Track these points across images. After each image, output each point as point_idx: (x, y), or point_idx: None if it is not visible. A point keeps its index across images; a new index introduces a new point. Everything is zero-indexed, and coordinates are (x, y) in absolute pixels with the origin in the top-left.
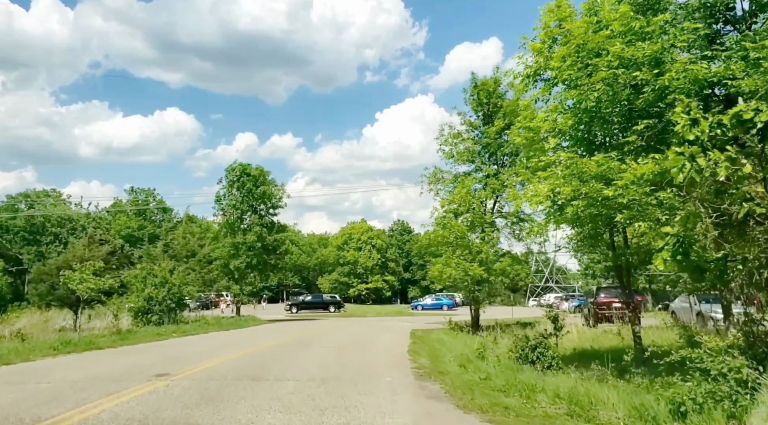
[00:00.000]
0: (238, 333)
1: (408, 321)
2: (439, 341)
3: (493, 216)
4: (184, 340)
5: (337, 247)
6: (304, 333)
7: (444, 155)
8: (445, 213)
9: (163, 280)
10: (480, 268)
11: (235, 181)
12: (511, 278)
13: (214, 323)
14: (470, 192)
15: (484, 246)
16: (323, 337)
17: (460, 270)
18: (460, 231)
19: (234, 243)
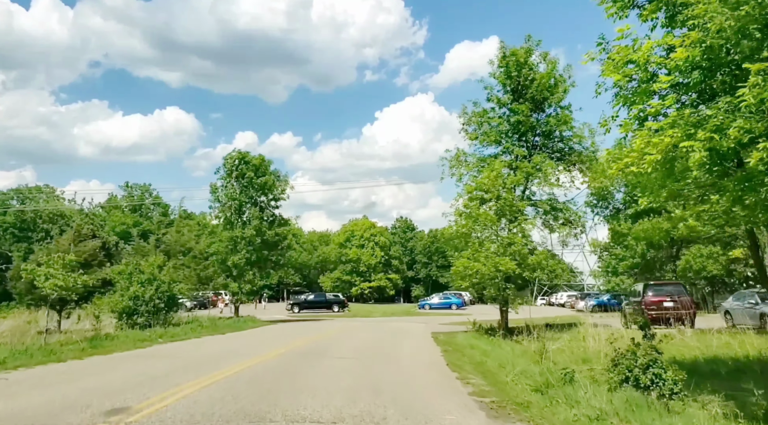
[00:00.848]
0: (235, 338)
1: (420, 321)
2: (475, 348)
3: (521, 206)
4: (170, 348)
5: (339, 245)
6: (311, 338)
7: (466, 136)
8: (470, 201)
9: (151, 277)
10: (512, 262)
11: (234, 169)
12: (547, 274)
13: (209, 325)
14: (501, 175)
15: (516, 238)
16: (335, 343)
17: (490, 265)
18: (489, 220)
19: (232, 238)
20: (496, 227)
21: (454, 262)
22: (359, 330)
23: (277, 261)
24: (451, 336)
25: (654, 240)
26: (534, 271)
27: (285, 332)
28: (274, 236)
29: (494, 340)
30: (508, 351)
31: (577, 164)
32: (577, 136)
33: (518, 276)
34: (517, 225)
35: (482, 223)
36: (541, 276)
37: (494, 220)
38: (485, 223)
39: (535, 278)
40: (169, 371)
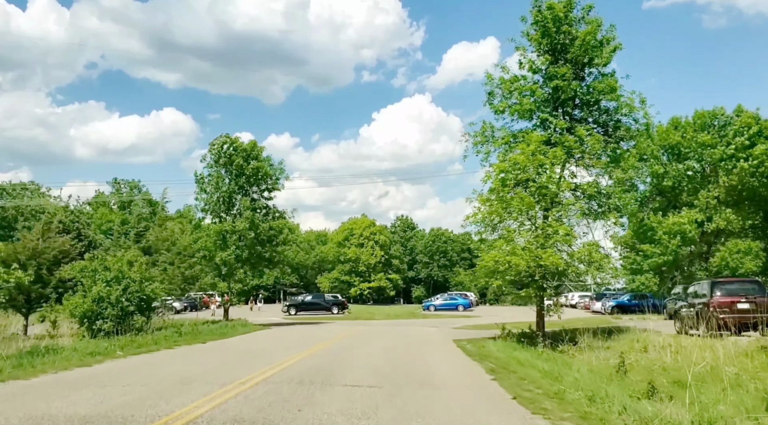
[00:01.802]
0: (214, 351)
1: (430, 325)
2: (528, 366)
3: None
4: (122, 367)
5: (338, 244)
6: (309, 350)
7: (492, 109)
8: (502, 182)
9: (119, 275)
10: (558, 255)
11: (221, 156)
12: (596, 269)
13: (190, 331)
14: (541, 150)
15: (560, 226)
16: (341, 359)
17: (529, 258)
18: (527, 205)
19: (220, 232)
20: (535, 213)
21: (482, 256)
22: (366, 336)
23: (272, 258)
24: (478, 344)
25: (688, 235)
26: (583, 266)
27: (279, 340)
28: (268, 230)
29: (541, 353)
30: (577, 371)
31: (624, 141)
32: (627, 105)
33: (560, 273)
34: (561, 210)
35: (516, 209)
36: (593, 273)
37: (532, 205)
38: (520, 209)
39: (583, 274)
40: (85, 417)
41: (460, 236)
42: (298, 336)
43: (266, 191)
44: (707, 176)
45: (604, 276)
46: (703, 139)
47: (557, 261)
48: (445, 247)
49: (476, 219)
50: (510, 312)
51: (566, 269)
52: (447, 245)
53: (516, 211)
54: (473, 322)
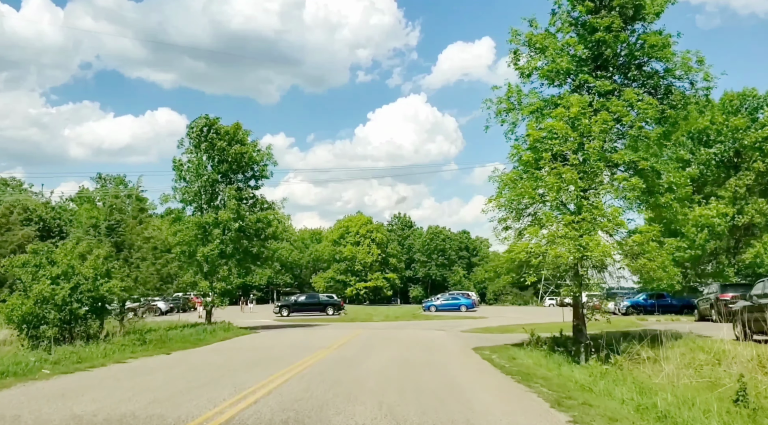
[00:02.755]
0: (173, 368)
1: (435, 328)
2: (599, 391)
3: (612, 162)
4: (26, 397)
5: (333, 242)
6: (298, 368)
7: (518, 71)
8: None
9: (68, 271)
10: (608, 244)
11: (202, 140)
12: (648, 261)
13: (158, 338)
14: (586, 111)
15: (605, 211)
16: (343, 384)
17: (572, 247)
18: (571, 181)
19: (201, 224)
20: (577, 190)
21: (511, 247)
22: (367, 344)
23: (260, 253)
24: (507, 355)
25: (716, 227)
26: (636, 258)
27: (260, 350)
28: (255, 222)
29: (594, 368)
30: (675, 401)
31: (678, 108)
32: (684, 64)
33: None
34: (610, 189)
35: (554, 187)
36: (649, 266)
37: (574, 181)
38: (559, 187)
39: (641, 268)
40: None
41: (458, 234)
42: (287, 344)
43: (252, 179)
44: (737, 163)
45: (654, 273)
46: (735, 123)
47: (607, 250)
48: (443, 246)
49: (500, 203)
50: (514, 312)
51: (613, 261)
52: (445, 243)
53: (553, 190)
54: (482, 324)
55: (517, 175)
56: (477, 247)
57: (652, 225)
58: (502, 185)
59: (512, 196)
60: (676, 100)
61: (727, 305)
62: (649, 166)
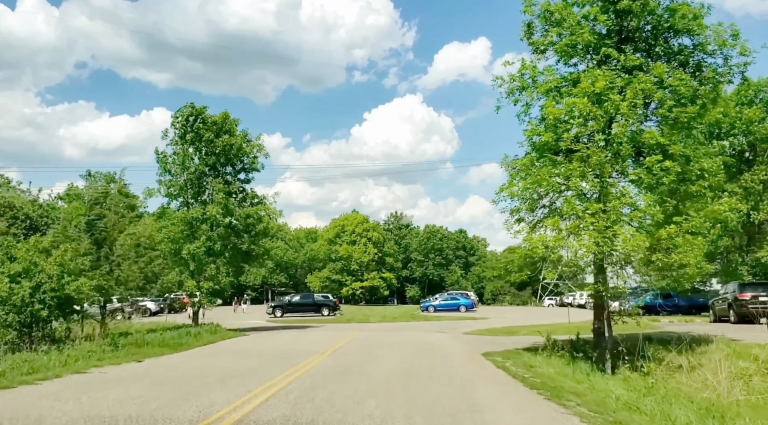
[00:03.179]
0: (137, 380)
1: (436, 329)
2: (648, 411)
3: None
4: None
5: (329, 241)
6: (283, 382)
7: (530, 46)
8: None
9: (30, 268)
10: (642, 236)
11: (187, 130)
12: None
13: (134, 342)
14: (614, 84)
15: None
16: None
17: (600, 240)
18: (596, 165)
19: (187, 220)
20: (604, 176)
21: (526, 240)
22: (365, 349)
23: (250, 251)
24: (523, 362)
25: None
26: (668, 253)
27: (244, 357)
28: (244, 217)
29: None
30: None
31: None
32: (717, 38)
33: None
34: (641, 173)
35: (577, 173)
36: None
37: (602, 165)
38: (583, 172)
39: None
40: None
41: (455, 234)
42: (276, 349)
43: (242, 172)
44: (751, 157)
45: (688, 270)
46: (750, 115)
47: (641, 243)
48: (440, 245)
49: (513, 193)
50: (515, 312)
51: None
52: (442, 243)
53: (576, 176)
54: (484, 326)
55: (531, 161)
56: (474, 247)
57: (688, 217)
58: (514, 173)
59: (527, 184)
60: (707, 77)
61: (746, 305)
62: (680, 150)
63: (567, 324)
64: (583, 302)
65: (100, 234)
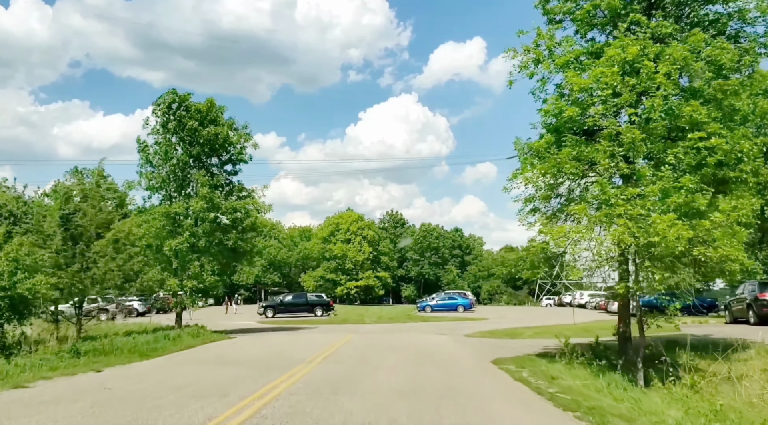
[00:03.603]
0: (78, 401)
1: (435, 331)
2: None
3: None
4: None
5: (323, 239)
6: (261, 400)
7: (545, 15)
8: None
9: None
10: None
11: (170, 118)
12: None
13: (99, 348)
14: (648, 51)
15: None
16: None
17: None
18: (628, 142)
19: (169, 215)
20: (639, 155)
21: (544, 231)
22: (360, 356)
23: (237, 247)
24: (540, 370)
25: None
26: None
27: (222, 366)
28: (231, 211)
29: (673, 394)
30: None
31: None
32: (760, 6)
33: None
34: (680, 151)
35: (602, 154)
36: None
37: (636, 143)
38: (613, 151)
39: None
40: None
41: (451, 233)
42: (259, 355)
43: (229, 163)
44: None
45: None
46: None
47: (684, 233)
48: (436, 244)
49: (527, 178)
50: (514, 312)
51: (690, 249)
52: (438, 241)
53: (605, 156)
54: (485, 327)
55: (549, 142)
56: (470, 246)
57: (736, 206)
58: (528, 157)
59: (544, 168)
60: (746, 49)
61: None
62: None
63: (572, 324)
64: (584, 302)
65: (75, 229)
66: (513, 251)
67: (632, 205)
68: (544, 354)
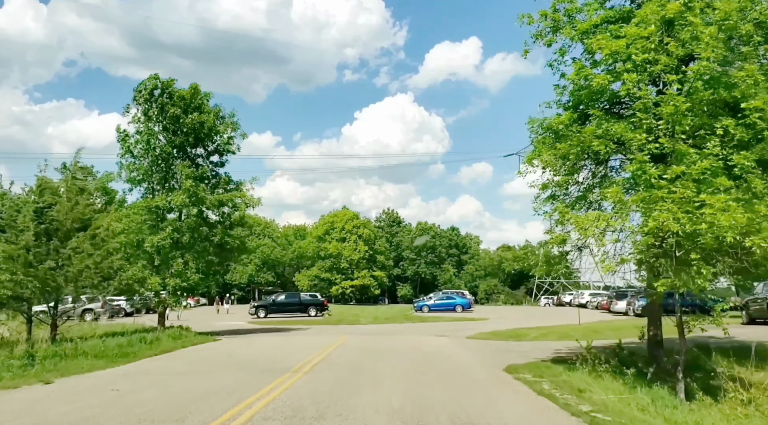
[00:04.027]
0: None
1: (435, 332)
2: None
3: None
4: None
5: (318, 238)
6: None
7: None
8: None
9: None
10: (738, 210)
11: (151, 105)
12: None
13: (59, 354)
14: (692, 7)
15: (745, 157)
16: None
17: (679, 214)
18: (671, 111)
19: (151, 208)
20: (683, 128)
21: (569, 219)
22: (354, 361)
23: (223, 243)
24: (560, 380)
25: None
26: None
27: (192, 375)
28: (217, 205)
29: None
30: None
31: None
32: None
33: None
34: (733, 127)
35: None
36: None
37: (680, 115)
38: (650, 125)
39: None
40: None
41: (447, 232)
42: (239, 363)
43: (215, 154)
44: None
45: None
46: None
47: (739, 218)
48: (433, 243)
49: (545, 161)
50: (514, 312)
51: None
52: (435, 240)
53: (638, 131)
54: (487, 328)
55: (570, 118)
56: (467, 245)
57: None
58: (544, 137)
59: (567, 148)
60: None
61: None
62: None
63: (578, 325)
64: (584, 301)
65: (50, 223)
66: (510, 250)
67: (677, 186)
68: (560, 360)
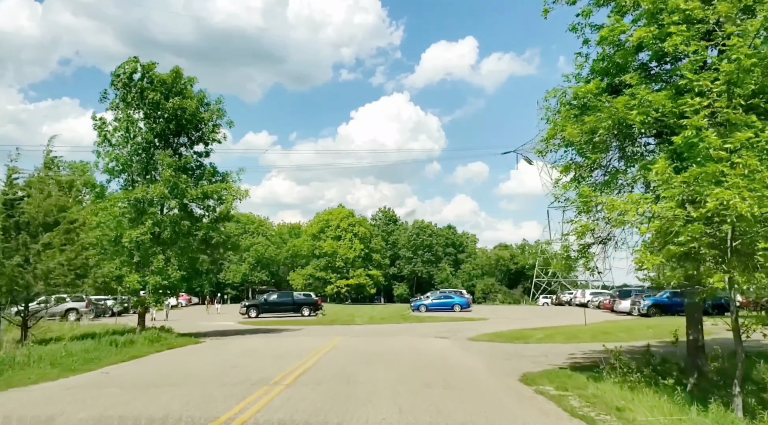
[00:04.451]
0: None
1: (434, 334)
2: None
3: None
4: None
5: (312, 236)
6: None
7: None
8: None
9: None
10: None
11: (130, 89)
12: None
13: (15, 359)
14: None
15: None
16: None
17: (746, 193)
18: (733, 69)
19: (130, 201)
20: (737, 93)
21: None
22: (345, 368)
23: (208, 239)
24: (588, 393)
25: None
26: None
27: (144, 396)
28: (201, 198)
29: None
30: None
31: None
32: None
33: None
34: None
35: (694, 87)
36: None
37: (745, 73)
38: (702, 88)
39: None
40: None
41: (444, 230)
42: (216, 371)
43: (200, 143)
44: None
45: None
46: None
47: None
48: (429, 241)
49: (568, 137)
50: (513, 312)
51: None
52: (432, 239)
53: (692, 93)
54: (488, 329)
55: (597, 87)
56: (464, 243)
57: None
58: (570, 111)
59: (596, 121)
60: None
61: None
62: None
63: (584, 326)
64: (586, 301)
65: (20, 217)
66: (507, 249)
67: (745, 159)
68: (579, 367)
